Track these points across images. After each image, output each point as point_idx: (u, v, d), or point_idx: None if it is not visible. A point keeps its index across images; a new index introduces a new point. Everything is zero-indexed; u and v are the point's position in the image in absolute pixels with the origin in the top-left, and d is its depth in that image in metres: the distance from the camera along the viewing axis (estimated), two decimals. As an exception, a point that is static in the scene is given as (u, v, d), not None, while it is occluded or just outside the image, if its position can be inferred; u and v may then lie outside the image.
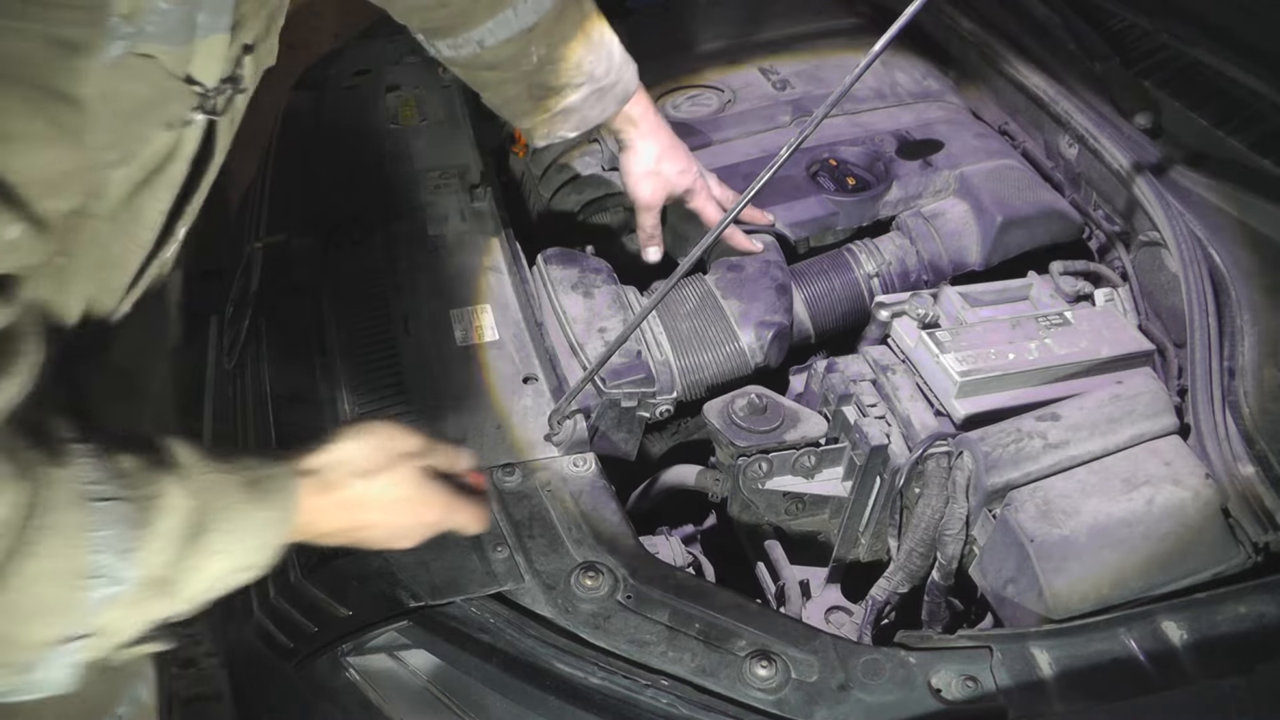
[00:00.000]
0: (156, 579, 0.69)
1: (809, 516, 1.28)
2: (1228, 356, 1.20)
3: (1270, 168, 1.36)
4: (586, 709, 0.95)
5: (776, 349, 1.35)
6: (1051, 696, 0.94)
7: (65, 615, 0.65)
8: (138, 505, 0.67)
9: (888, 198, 1.49)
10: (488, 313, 1.33)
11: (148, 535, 0.68)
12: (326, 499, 0.84)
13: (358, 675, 1.02)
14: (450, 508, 0.90)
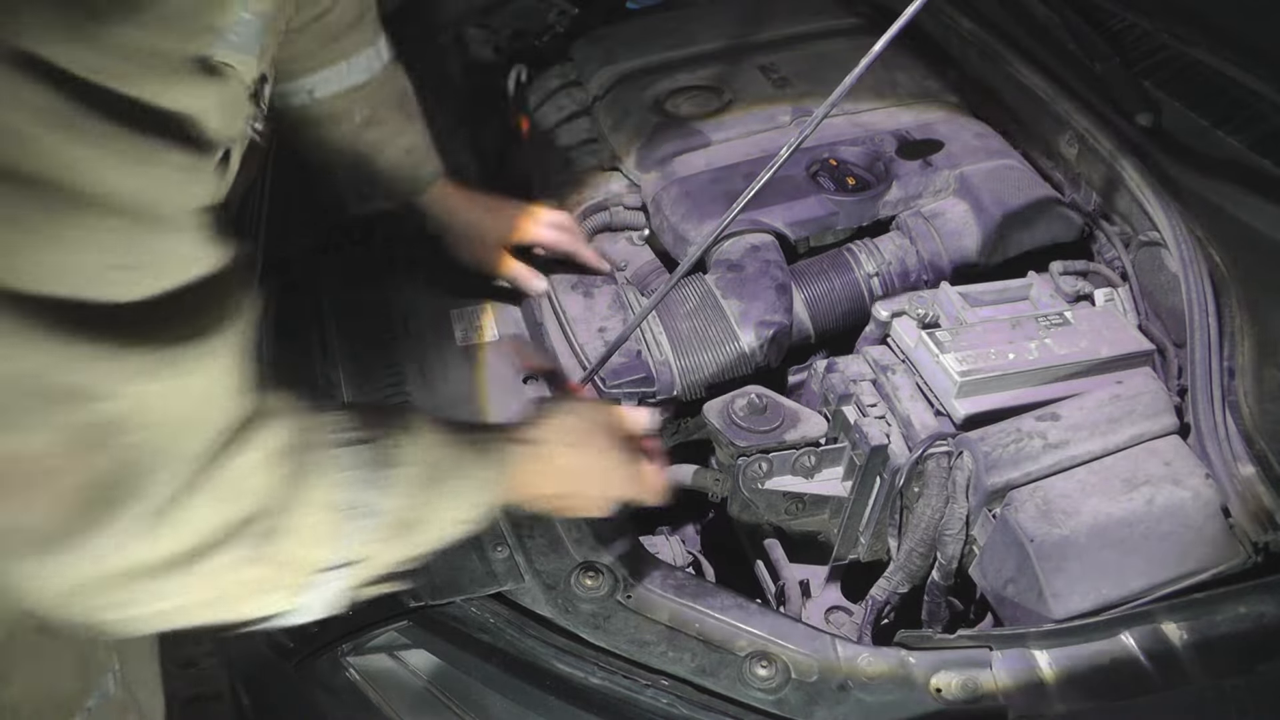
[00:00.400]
0: (403, 520, 0.75)
1: (809, 516, 1.28)
2: (1228, 356, 1.20)
3: (1270, 168, 1.36)
4: (586, 709, 0.95)
5: (776, 349, 1.35)
6: (1051, 696, 0.94)
7: (333, 542, 0.70)
8: (382, 450, 0.73)
9: (888, 198, 1.49)
10: (488, 313, 1.33)
11: (394, 477, 0.73)
12: (537, 466, 0.90)
13: (358, 675, 1.02)
14: (637, 481, 0.99)
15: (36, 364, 0.48)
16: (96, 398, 0.51)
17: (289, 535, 0.66)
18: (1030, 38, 1.70)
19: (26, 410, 0.50)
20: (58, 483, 0.53)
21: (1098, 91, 1.56)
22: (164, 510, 0.57)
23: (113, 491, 0.55)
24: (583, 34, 1.85)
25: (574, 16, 1.99)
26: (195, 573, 0.61)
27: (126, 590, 0.60)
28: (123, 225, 0.49)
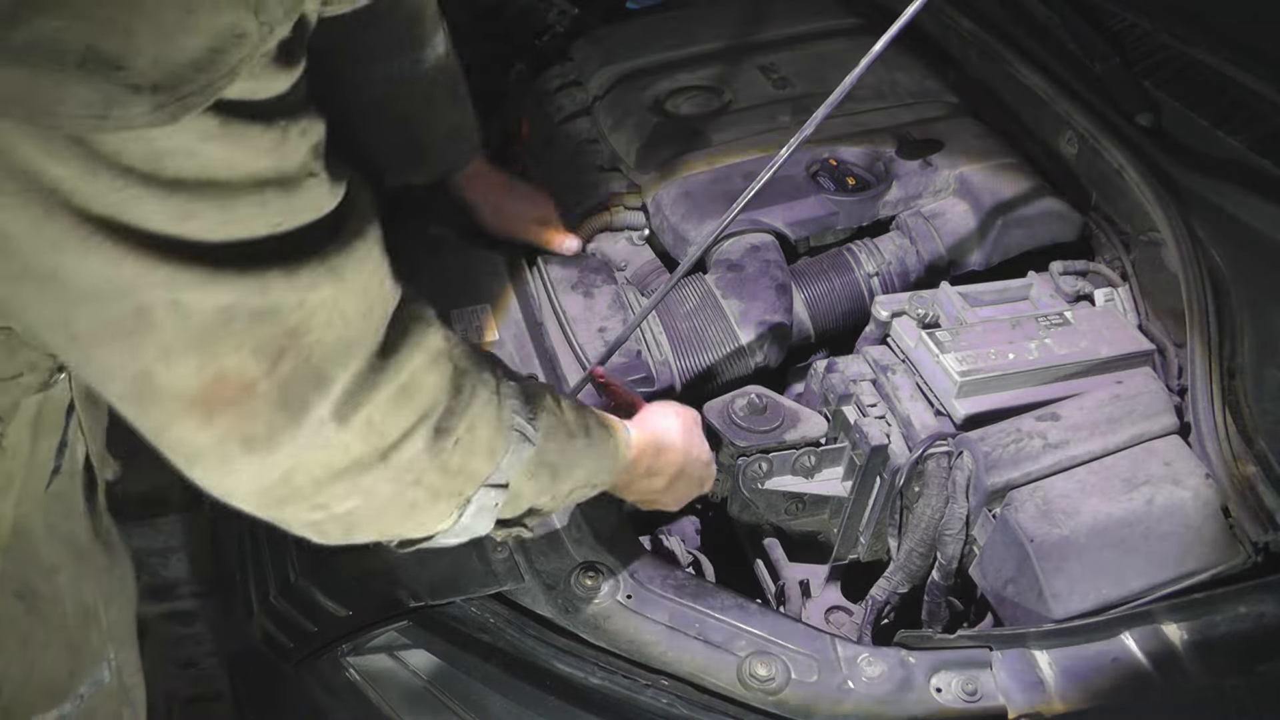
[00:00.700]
0: (549, 462, 0.82)
1: (809, 516, 1.28)
2: (1228, 356, 1.20)
3: (1270, 168, 1.36)
4: (586, 709, 0.95)
5: (776, 349, 1.35)
6: (1051, 696, 0.94)
7: (494, 458, 0.75)
8: (526, 391, 0.80)
9: (888, 198, 1.49)
10: (488, 313, 1.33)
11: (540, 417, 0.80)
12: (648, 459, 0.99)
13: (358, 675, 1.02)
14: (710, 479, 1.12)
15: (232, 296, 0.57)
16: (279, 312, 0.59)
17: (460, 441, 0.72)
18: (1030, 38, 1.70)
19: (230, 335, 0.58)
20: (257, 391, 0.60)
21: (1098, 91, 1.56)
22: (348, 405, 0.64)
23: (303, 387, 0.62)
24: (583, 34, 1.84)
25: (574, 16, 1.99)
26: (384, 468, 0.67)
27: (324, 487, 0.66)
28: (270, 194, 0.57)
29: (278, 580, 1.12)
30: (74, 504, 0.88)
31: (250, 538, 1.22)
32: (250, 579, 1.17)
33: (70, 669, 0.91)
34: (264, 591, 1.13)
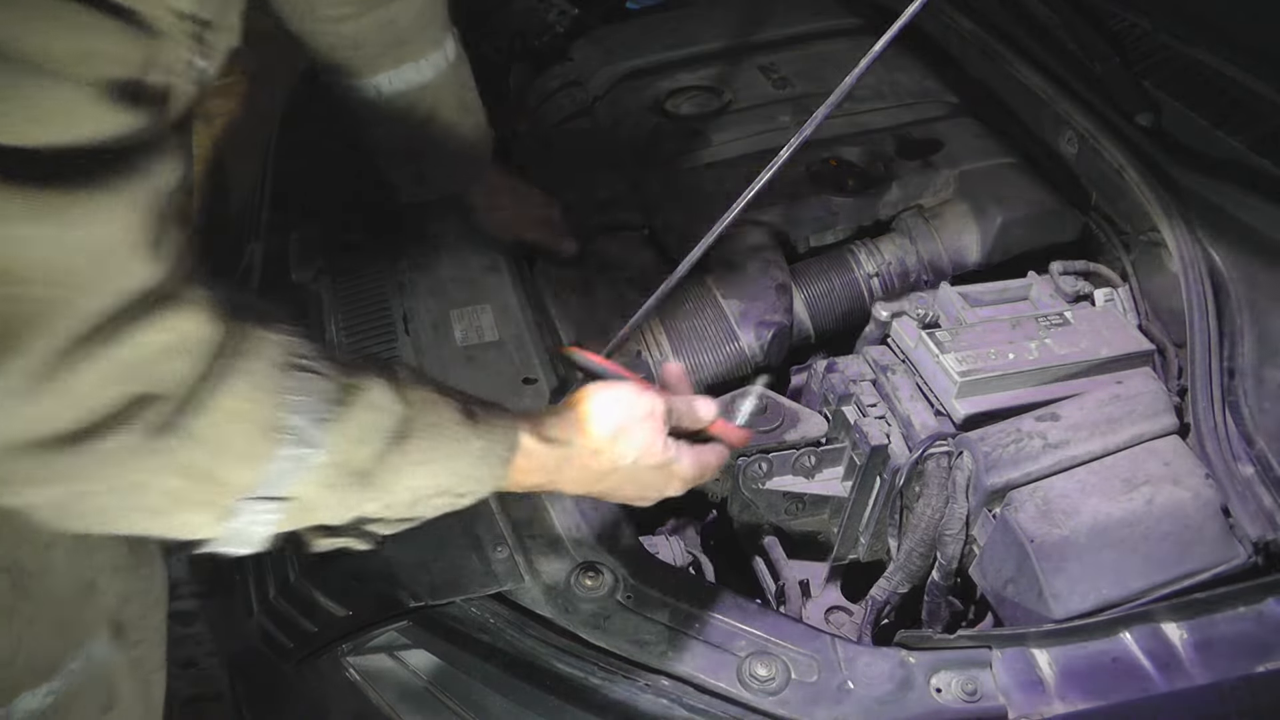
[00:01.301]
0: (357, 469, 0.71)
1: (809, 516, 1.28)
2: (1228, 356, 1.20)
3: (1270, 168, 1.36)
4: (586, 709, 0.95)
5: (776, 349, 1.35)
6: (1051, 696, 0.94)
7: (257, 465, 0.66)
8: (340, 387, 0.69)
9: (888, 198, 1.49)
10: (488, 313, 1.33)
11: (346, 416, 0.69)
12: (553, 464, 0.86)
13: (358, 675, 1.02)
14: (689, 474, 0.93)
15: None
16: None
17: (201, 442, 0.62)
18: (1030, 38, 1.70)
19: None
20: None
21: (1098, 91, 1.56)
22: (48, 371, 0.55)
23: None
24: (583, 34, 1.85)
25: (574, 16, 1.99)
26: (85, 454, 0.58)
27: (13, 463, 0.58)
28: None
29: (278, 580, 1.12)
30: None
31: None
32: (250, 579, 1.17)
33: (62, 645, 0.90)
34: (264, 591, 1.13)
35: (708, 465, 0.95)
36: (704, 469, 0.94)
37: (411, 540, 1.07)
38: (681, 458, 0.92)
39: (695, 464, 0.93)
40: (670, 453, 0.90)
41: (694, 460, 0.93)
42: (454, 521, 1.09)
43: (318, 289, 1.39)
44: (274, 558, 1.15)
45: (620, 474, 0.89)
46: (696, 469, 0.93)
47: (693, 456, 0.93)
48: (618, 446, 0.87)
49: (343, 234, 1.46)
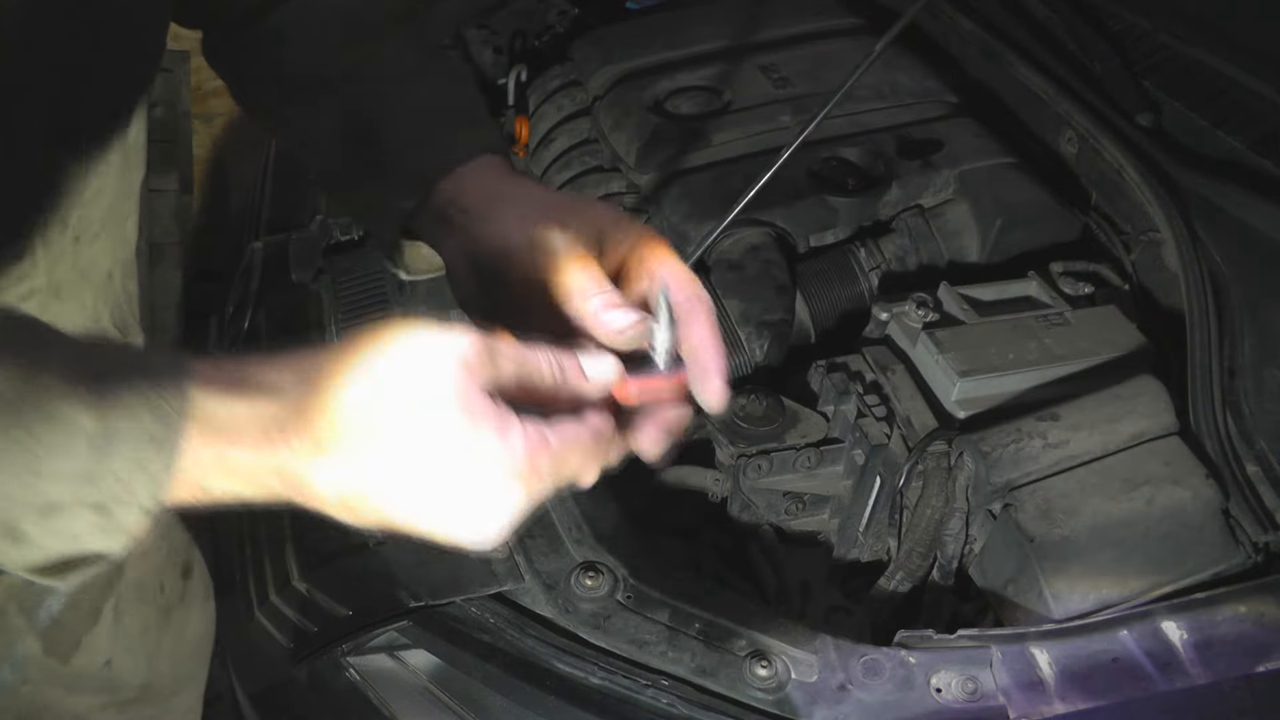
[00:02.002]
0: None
1: (809, 516, 1.28)
2: (1228, 356, 1.20)
3: (1270, 168, 1.36)
4: (586, 709, 0.95)
5: (776, 349, 1.35)
6: (1051, 696, 0.94)
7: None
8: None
9: (888, 198, 1.49)
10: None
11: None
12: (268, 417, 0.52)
13: (358, 675, 1.02)
14: (534, 462, 0.54)
15: None
16: None
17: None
18: (1030, 38, 1.70)
19: None
20: None
21: (1098, 91, 1.56)
22: None
23: None
24: (583, 34, 1.84)
25: (574, 16, 1.99)
26: None
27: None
28: None
29: (277, 580, 1.12)
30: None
31: (250, 538, 1.22)
32: (250, 579, 1.17)
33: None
34: (264, 591, 1.13)
35: (577, 446, 0.56)
36: (568, 454, 0.56)
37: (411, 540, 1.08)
38: (511, 434, 0.53)
39: (546, 445, 0.54)
40: (489, 424, 0.53)
41: (543, 440, 0.54)
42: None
43: (318, 289, 1.39)
44: (274, 558, 1.16)
45: (399, 464, 0.53)
46: (551, 453, 0.55)
47: (543, 435, 0.54)
48: (387, 410, 0.52)
49: (342, 234, 1.46)
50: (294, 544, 1.13)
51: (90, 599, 1.00)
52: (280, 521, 1.17)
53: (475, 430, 0.52)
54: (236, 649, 1.23)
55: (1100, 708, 0.93)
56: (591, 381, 0.59)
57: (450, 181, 0.75)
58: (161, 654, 1.08)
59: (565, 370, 0.58)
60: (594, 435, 0.58)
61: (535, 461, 0.54)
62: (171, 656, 1.10)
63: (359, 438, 0.52)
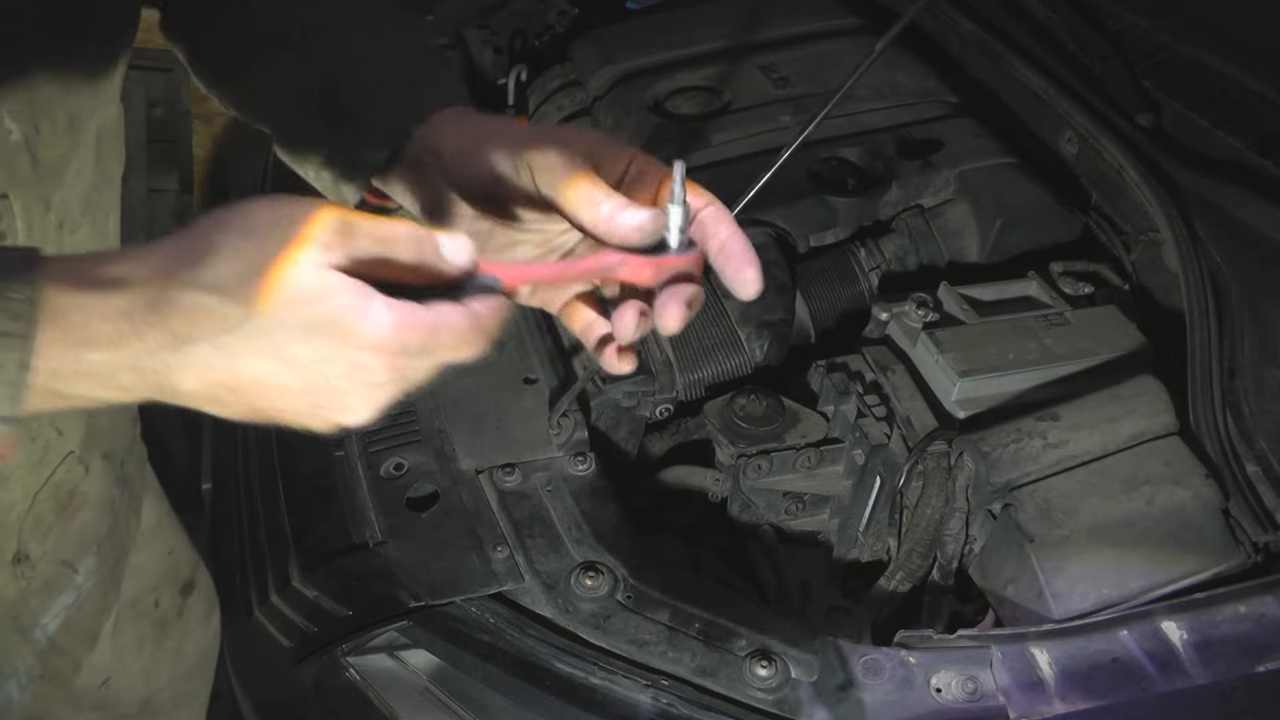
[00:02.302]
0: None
1: (809, 516, 1.28)
2: (1228, 356, 1.20)
3: (1270, 168, 1.36)
4: (586, 709, 0.95)
5: (776, 349, 1.35)
6: (1051, 696, 0.94)
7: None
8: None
9: (888, 198, 1.49)
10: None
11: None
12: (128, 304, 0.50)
13: (358, 675, 1.02)
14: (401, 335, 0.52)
15: None
16: None
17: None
18: (1030, 38, 1.70)
19: None
20: None
21: (1098, 91, 1.56)
22: None
23: None
24: (583, 34, 1.84)
25: (574, 16, 1.99)
26: None
27: None
28: None
29: (278, 580, 1.12)
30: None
31: (250, 538, 1.22)
32: (250, 579, 1.17)
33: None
34: (264, 591, 1.13)
35: (450, 327, 0.54)
36: (440, 333, 0.53)
37: (411, 540, 1.08)
38: (373, 311, 0.51)
39: (415, 324, 0.52)
40: (346, 301, 0.50)
41: (412, 317, 0.52)
42: (454, 521, 1.10)
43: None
44: (274, 557, 1.16)
45: (258, 350, 0.51)
46: (422, 331, 0.52)
47: (413, 312, 0.52)
48: (241, 296, 0.50)
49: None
50: (294, 544, 1.13)
51: (88, 621, 1.00)
52: (280, 521, 1.17)
53: (333, 309, 0.50)
54: (236, 649, 1.23)
55: (1100, 708, 0.93)
56: (448, 261, 0.56)
57: (425, 129, 0.74)
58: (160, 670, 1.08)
59: (424, 245, 0.55)
60: (470, 317, 0.54)
61: (403, 338, 0.52)
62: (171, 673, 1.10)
63: (215, 326, 0.50)
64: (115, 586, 1.04)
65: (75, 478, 0.91)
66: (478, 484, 1.14)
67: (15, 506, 0.84)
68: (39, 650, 0.94)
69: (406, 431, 1.20)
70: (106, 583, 1.02)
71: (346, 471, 1.17)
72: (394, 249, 0.53)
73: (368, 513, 1.12)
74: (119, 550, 1.05)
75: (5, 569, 0.86)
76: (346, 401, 0.54)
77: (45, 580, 0.91)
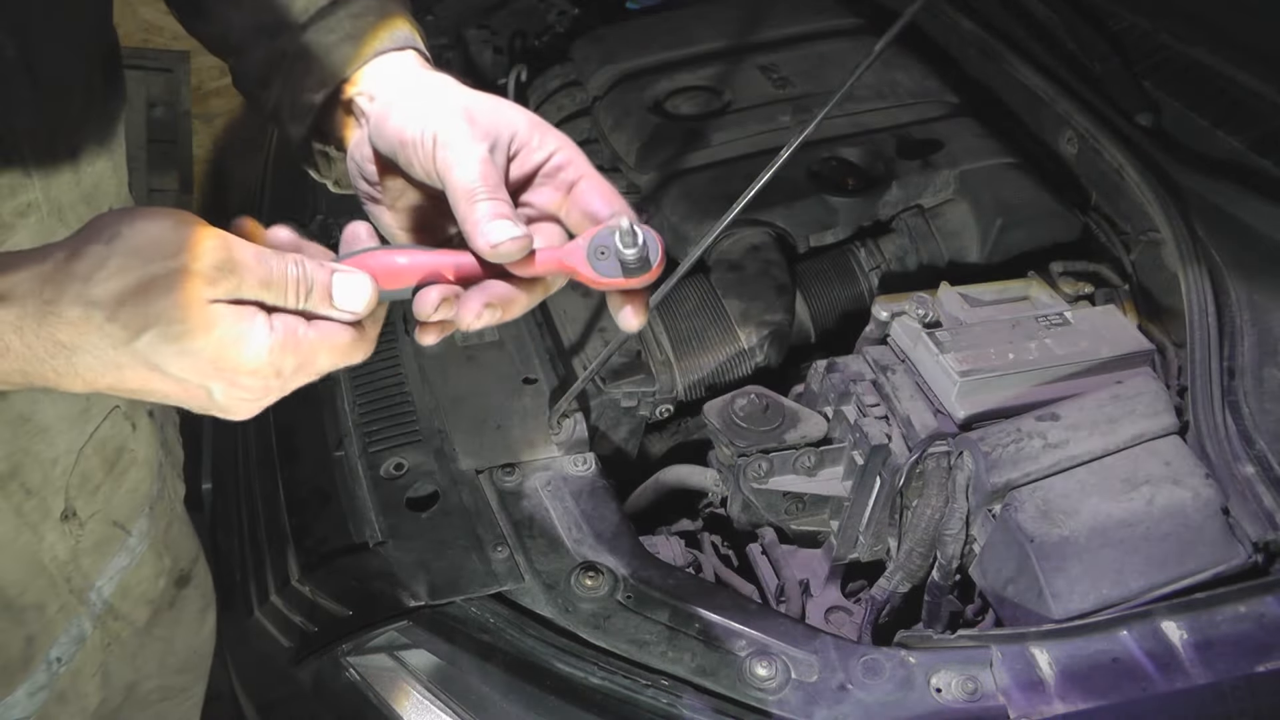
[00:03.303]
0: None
1: (809, 516, 1.28)
2: (1228, 356, 1.20)
3: (1270, 168, 1.36)
4: (586, 709, 0.95)
5: (776, 349, 1.35)
6: (1051, 696, 0.94)
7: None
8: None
9: (888, 198, 1.49)
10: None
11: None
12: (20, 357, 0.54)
13: (358, 675, 1.02)
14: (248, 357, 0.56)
15: None
16: None
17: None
18: (1030, 38, 1.70)
19: None
20: None
21: (1098, 91, 1.56)
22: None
23: None
24: (583, 34, 1.85)
25: (574, 16, 1.99)
26: None
27: None
28: None
29: (278, 580, 1.12)
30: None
31: (250, 538, 1.22)
32: (250, 579, 1.17)
33: (26, 636, 0.87)
34: (264, 591, 1.13)
35: (328, 346, 0.58)
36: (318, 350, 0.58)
37: (411, 540, 1.08)
38: (251, 336, 0.55)
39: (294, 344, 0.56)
40: (221, 329, 0.54)
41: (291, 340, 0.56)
42: (454, 521, 1.10)
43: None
44: (274, 557, 1.16)
45: (150, 361, 0.55)
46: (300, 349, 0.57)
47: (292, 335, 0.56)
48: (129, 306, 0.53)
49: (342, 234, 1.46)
50: (294, 544, 1.13)
51: (144, 585, 1.01)
52: (280, 521, 1.17)
53: (211, 341, 0.54)
54: (236, 649, 1.23)
55: (1100, 708, 0.93)
56: (339, 309, 0.59)
57: (365, 73, 0.73)
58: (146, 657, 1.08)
59: (313, 293, 0.58)
60: (354, 334, 0.59)
61: (279, 362, 0.56)
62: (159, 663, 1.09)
63: (99, 340, 0.54)
64: (168, 550, 1.05)
65: (123, 434, 0.91)
66: (478, 484, 1.14)
67: (59, 461, 0.84)
68: (95, 614, 0.94)
69: (406, 431, 1.20)
70: (160, 546, 1.02)
71: (346, 471, 1.17)
72: (276, 294, 0.56)
73: (368, 513, 1.12)
74: (169, 514, 1.05)
75: (54, 526, 0.86)
76: (229, 407, 0.59)
77: (96, 540, 0.91)
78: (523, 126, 0.67)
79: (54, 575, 0.88)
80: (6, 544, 0.83)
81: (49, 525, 0.86)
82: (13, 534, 0.83)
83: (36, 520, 0.85)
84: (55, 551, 0.88)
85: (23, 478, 0.81)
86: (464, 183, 0.62)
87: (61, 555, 0.88)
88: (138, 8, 2.45)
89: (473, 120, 0.65)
